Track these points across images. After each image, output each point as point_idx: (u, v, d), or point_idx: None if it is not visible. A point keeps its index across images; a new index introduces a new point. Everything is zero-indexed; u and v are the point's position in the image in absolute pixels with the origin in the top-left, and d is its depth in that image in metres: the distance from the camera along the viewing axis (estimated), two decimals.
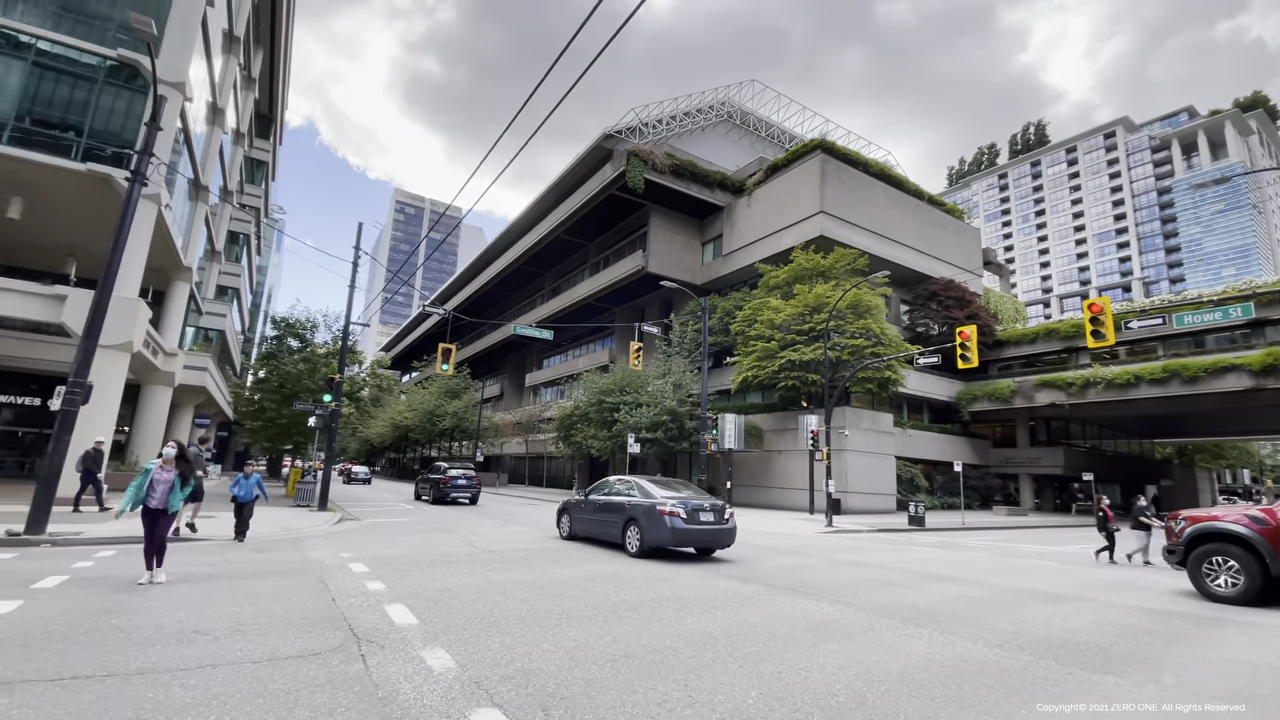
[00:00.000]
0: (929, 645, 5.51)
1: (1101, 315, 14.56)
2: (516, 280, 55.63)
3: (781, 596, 7.56)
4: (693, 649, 5.08)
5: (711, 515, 10.89)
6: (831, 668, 4.74)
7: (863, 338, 27.09)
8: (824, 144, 34.38)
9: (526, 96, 7.76)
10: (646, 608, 6.58)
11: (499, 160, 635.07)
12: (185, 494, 7.47)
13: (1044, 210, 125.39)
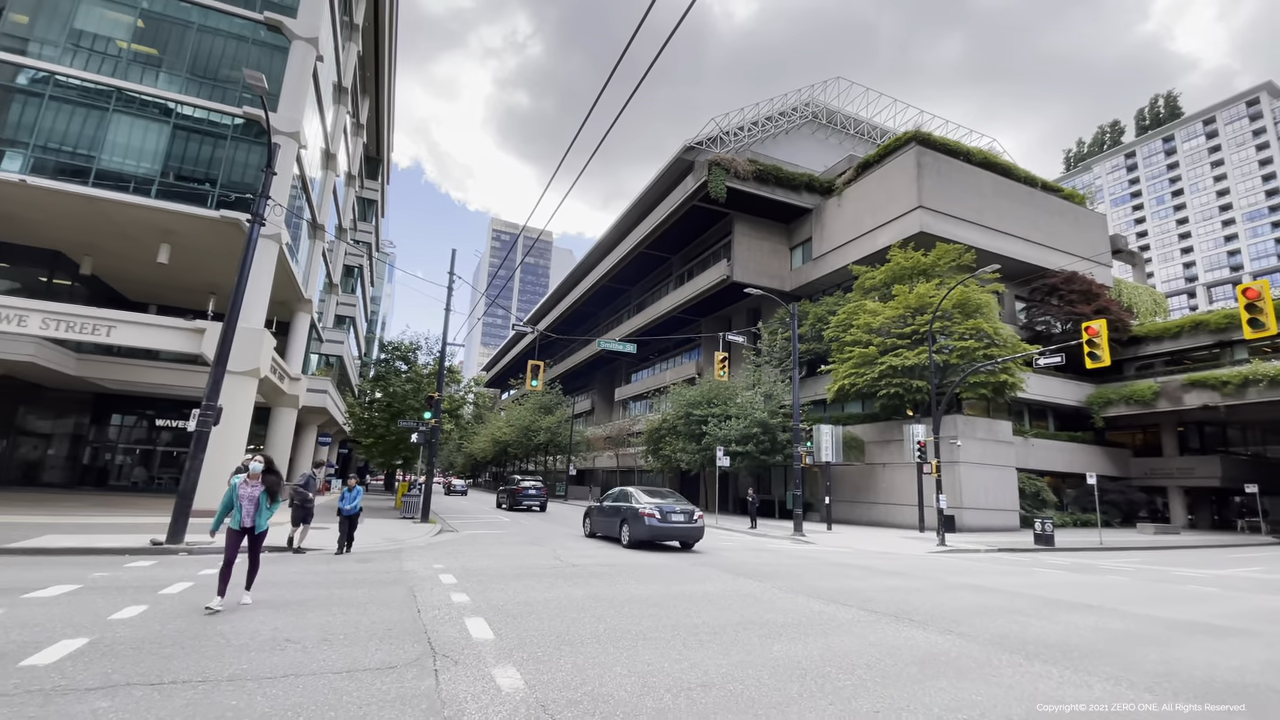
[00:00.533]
0: (1059, 686, 4.69)
1: (1260, 301, 12.36)
2: (603, 297, 56.71)
3: (883, 623, 6.84)
4: (777, 680, 4.62)
5: (681, 517, 13.90)
6: (939, 709, 4.11)
7: (973, 339, 24.92)
8: (919, 135, 32.35)
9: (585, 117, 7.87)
10: (730, 632, 6.14)
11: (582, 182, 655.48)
12: (273, 510, 6.73)
13: (1181, 190, 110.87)
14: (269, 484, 6.67)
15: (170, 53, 18.65)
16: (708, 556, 13.26)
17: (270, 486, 6.66)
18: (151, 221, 18.16)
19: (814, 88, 43.50)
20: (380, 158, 46.93)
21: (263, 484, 6.64)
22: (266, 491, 6.64)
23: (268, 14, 19.20)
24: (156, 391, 26.38)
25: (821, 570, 11.67)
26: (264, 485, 6.63)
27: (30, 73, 17.24)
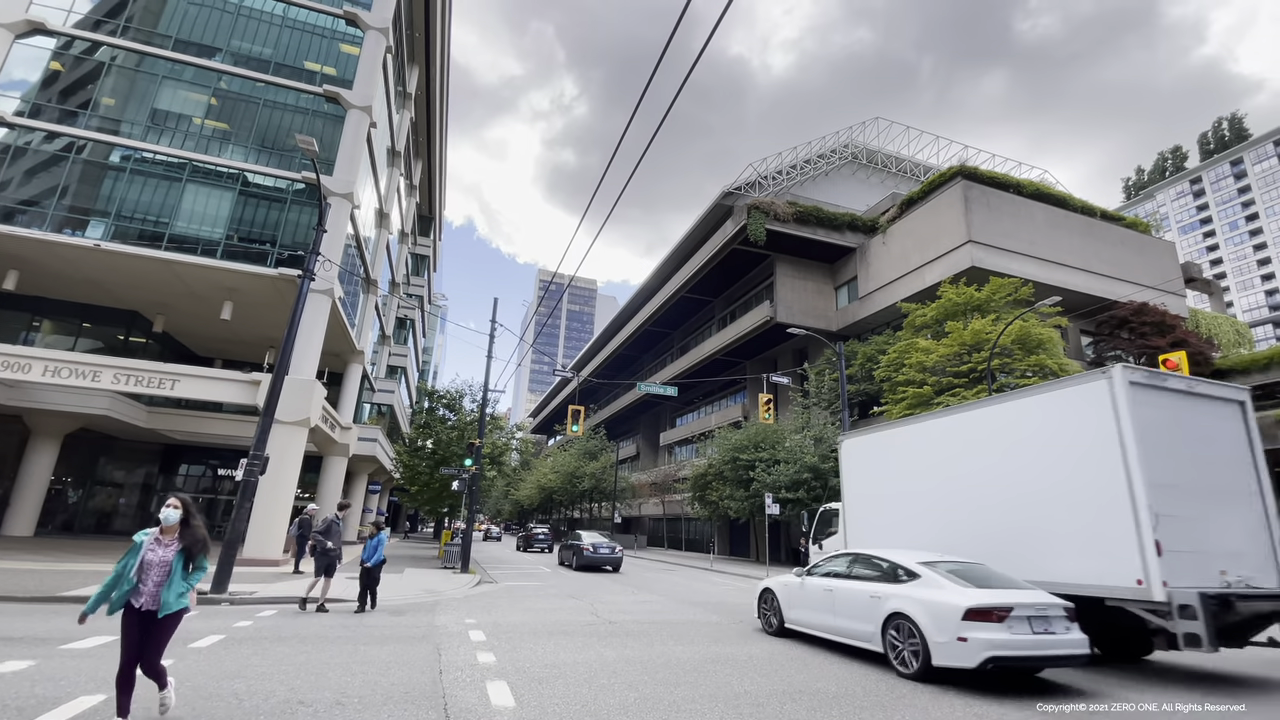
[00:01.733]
0: None
1: None
2: (646, 342, 56.87)
3: (948, 699, 6.04)
4: None
5: (606, 550, 21.91)
6: None
7: (1036, 376, 23.44)
8: (964, 170, 31.68)
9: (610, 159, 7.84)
10: (774, 703, 5.52)
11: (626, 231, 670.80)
12: (193, 582, 4.33)
13: (1256, 214, 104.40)
14: (188, 542, 4.33)
15: (238, 126, 20.22)
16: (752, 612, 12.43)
17: (190, 546, 4.32)
18: (217, 280, 19.30)
19: (852, 129, 43.52)
20: (432, 216, 49.30)
21: (180, 542, 4.32)
22: (184, 552, 4.29)
23: (326, 87, 20.65)
24: (220, 442, 27.55)
25: None
26: (181, 544, 4.31)
27: (120, 150, 18.93)
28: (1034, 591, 6.98)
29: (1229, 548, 7.46)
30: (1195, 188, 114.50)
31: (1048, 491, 8.25)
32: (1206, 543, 7.34)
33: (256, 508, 15.97)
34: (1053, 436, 8.35)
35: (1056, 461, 8.24)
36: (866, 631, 7.55)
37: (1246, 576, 7.34)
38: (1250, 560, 7.51)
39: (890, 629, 7.14)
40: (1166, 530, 7.02)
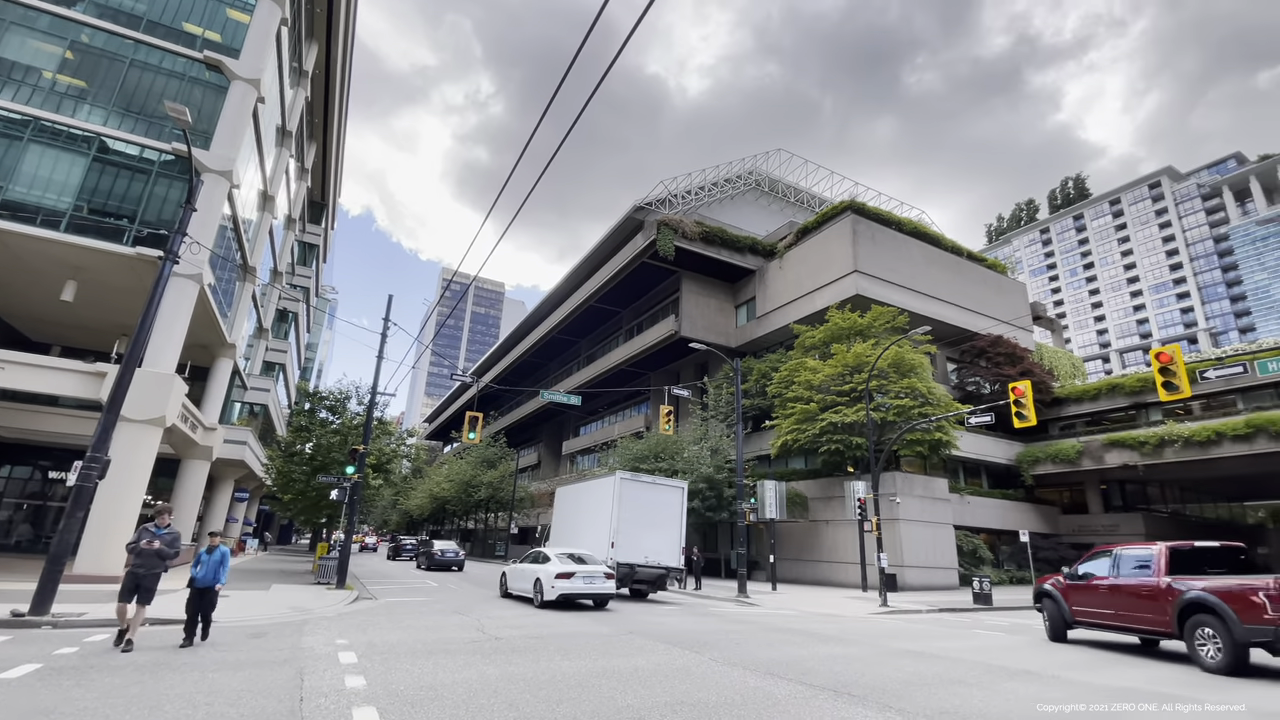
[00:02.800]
0: None
1: (1173, 365, 13.19)
2: (553, 349, 56.27)
3: (820, 700, 6.42)
4: None
5: (452, 554, 25.90)
6: None
7: (908, 397, 25.67)
8: (854, 205, 34.26)
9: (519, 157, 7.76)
10: (656, 716, 5.59)
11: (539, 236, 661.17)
12: None
13: (1092, 263, 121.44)
14: None
15: (99, 85, 17.89)
16: (645, 621, 12.57)
17: None
18: (59, 256, 16.88)
19: (757, 157, 45.82)
20: (325, 203, 46.03)
21: None
22: None
23: (208, 53, 18.79)
24: (56, 441, 23.93)
25: (762, 637, 11.19)
26: None
27: None
28: (594, 566, 15.31)
29: (654, 547, 18.54)
30: (1044, 236, 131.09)
31: (601, 521, 18.61)
32: (643, 545, 18.27)
33: (95, 517, 14.08)
34: (603, 496, 18.95)
35: (601, 507, 18.86)
36: (529, 589, 15.47)
37: (655, 559, 18.41)
38: (665, 553, 18.76)
39: (539, 586, 14.83)
40: (624, 539, 17.81)
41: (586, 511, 19.89)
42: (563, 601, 14.75)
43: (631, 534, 17.88)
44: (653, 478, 20.00)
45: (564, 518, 21.97)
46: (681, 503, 19.68)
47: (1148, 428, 31.04)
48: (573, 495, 21.87)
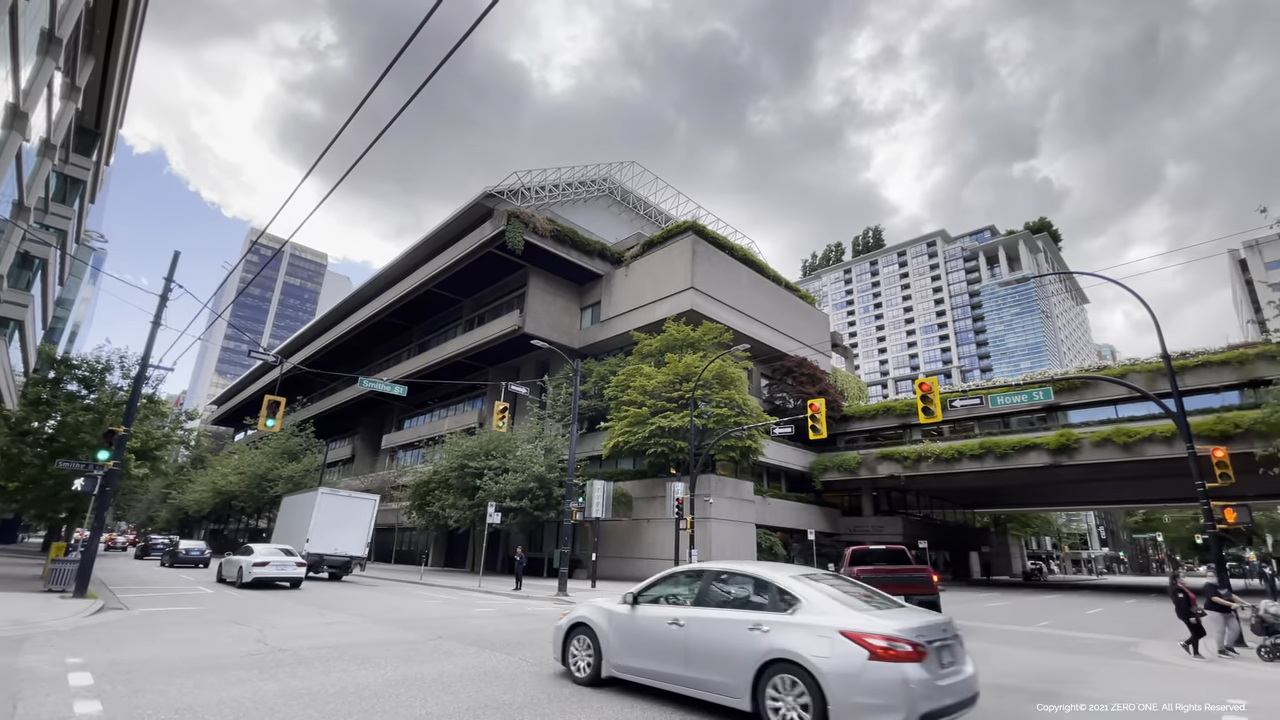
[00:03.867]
0: None
1: (930, 394, 16.04)
2: (381, 333, 51.99)
3: (628, 694, 6.76)
4: None
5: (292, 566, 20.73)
6: None
7: (727, 407, 27.97)
8: (696, 226, 36.58)
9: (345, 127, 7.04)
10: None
11: (374, 209, 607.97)
12: None
13: (881, 303, 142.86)
14: None
15: None
16: (456, 626, 12.17)
17: None
18: None
19: (612, 166, 46.88)
20: (100, 131, 37.87)
21: None
22: None
23: None
24: None
25: None
26: None
27: None
28: (290, 557, 19.92)
29: (344, 541, 24.91)
30: (847, 276, 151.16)
31: (305, 522, 24.37)
32: (334, 540, 24.54)
33: None
34: (309, 504, 25.15)
35: (307, 512, 24.85)
36: (234, 574, 19.87)
37: (344, 550, 24.93)
38: (353, 546, 25.32)
39: (241, 572, 19.38)
40: (319, 536, 24.06)
41: (299, 515, 25.88)
42: (258, 583, 19.11)
43: (326, 532, 24.27)
44: (350, 492, 28.08)
45: (284, 520, 28.85)
46: (372, 510, 26.70)
47: (910, 445, 37.23)
48: (292, 503, 29.06)
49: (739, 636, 5.68)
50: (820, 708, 4.89)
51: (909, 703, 4.66)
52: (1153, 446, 28.16)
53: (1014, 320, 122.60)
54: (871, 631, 5.00)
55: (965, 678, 5.31)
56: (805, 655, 5.10)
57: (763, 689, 5.33)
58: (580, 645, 7.29)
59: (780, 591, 5.83)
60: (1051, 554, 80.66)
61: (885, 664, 4.79)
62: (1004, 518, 61.05)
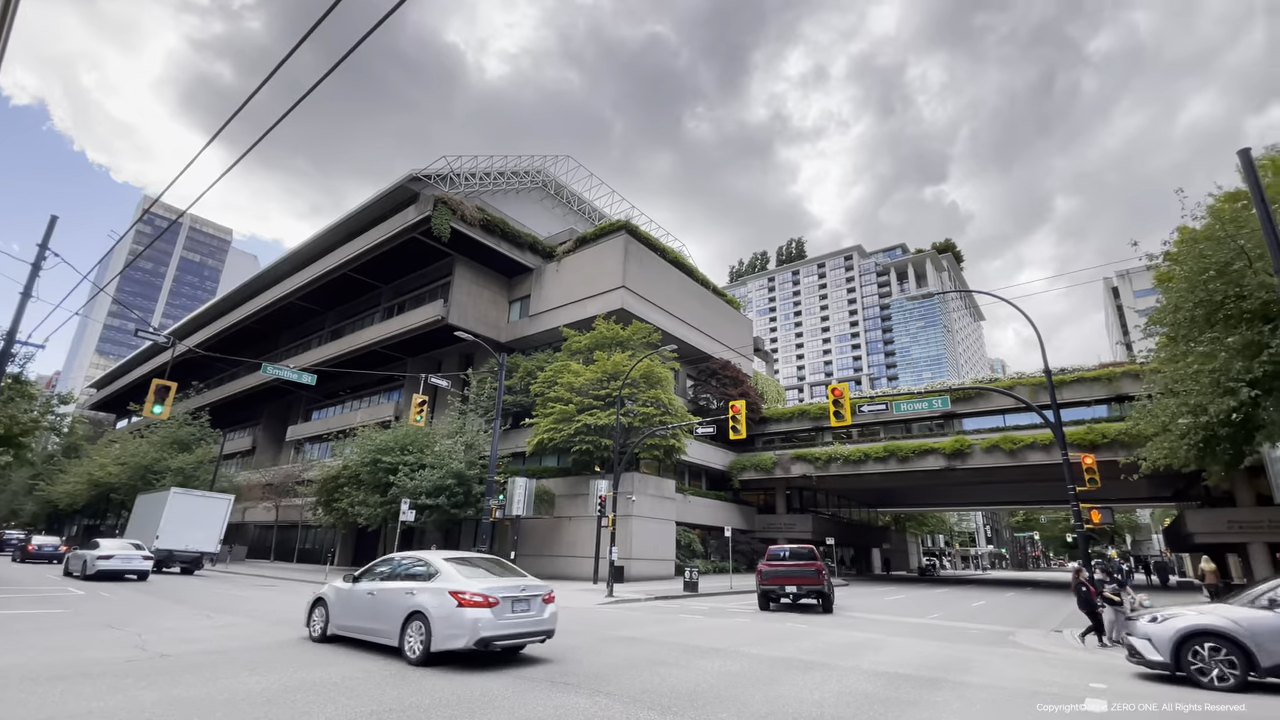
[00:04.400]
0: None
1: (842, 399, 16.93)
2: (290, 317, 48.76)
3: (536, 691, 6.72)
4: None
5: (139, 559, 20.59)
6: None
7: (653, 406, 28.31)
8: (629, 226, 36.73)
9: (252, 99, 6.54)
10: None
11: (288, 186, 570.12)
12: None
13: (801, 312, 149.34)
14: None
15: None
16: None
17: None
18: None
19: (547, 159, 46.30)
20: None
21: None
22: None
23: None
24: None
25: None
26: None
27: None
28: (137, 551, 20.56)
29: (195, 539, 26.36)
30: (770, 284, 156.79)
31: (157, 520, 25.92)
32: (185, 537, 26.03)
33: None
34: (161, 503, 26.69)
35: (159, 511, 26.44)
36: (79, 568, 20.44)
37: (195, 547, 26.35)
38: (204, 542, 26.73)
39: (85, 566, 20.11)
40: (169, 532, 25.57)
41: (151, 513, 27.21)
42: (100, 575, 19.77)
43: (178, 530, 25.68)
44: (204, 492, 29.07)
45: (138, 518, 29.62)
46: (226, 509, 28.02)
47: (822, 446, 39.10)
48: (146, 501, 29.89)
49: (400, 599, 8.40)
50: (428, 637, 7.78)
51: (473, 632, 7.63)
52: (1034, 453, 31.05)
53: (919, 333, 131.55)
54: (463, 590, 7.91)
55: (534, 619, 8.36)
56: (427, 606, 7.97)
57: (404, 630, 8.14)
58: (318, 614, 9.72)
59: (429, 567, 8.68)
60: (944, 551, 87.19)
61: (465, 609, 7.75)
62: (903, 517, 65.32)
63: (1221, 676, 7.77)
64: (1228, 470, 17.37)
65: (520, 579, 8.67)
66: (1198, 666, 7.96)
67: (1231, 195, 14.77)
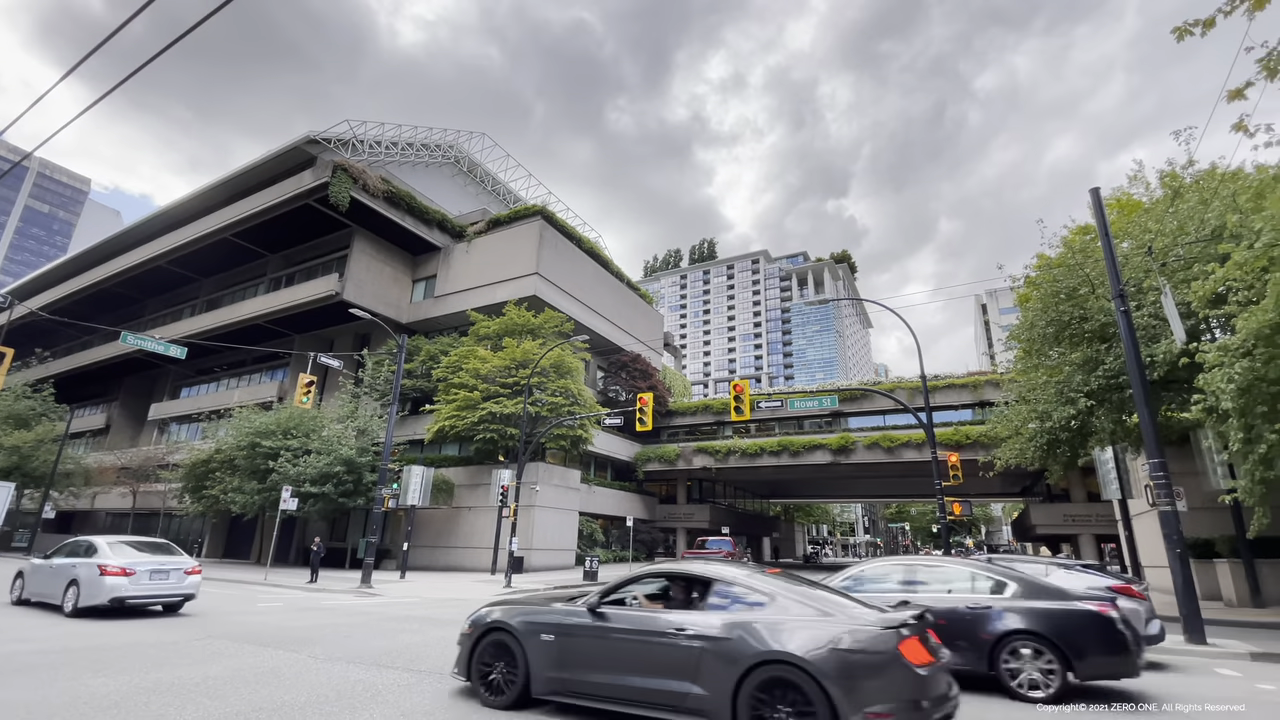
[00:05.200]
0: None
1: (742, 395, 17.69)
2: (159, 282, 43.63)
3: (426, 684, 6.54)
4: None
5: None
6: None
7: (562, 396, 28.14)
8: (545, 212, 36.12)
9: None
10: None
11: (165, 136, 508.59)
12: None
13: (710, 310, 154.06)
14: None
15: None
16: (230, 623, 10.77)
17: None
18: None
19: (461, 134, 44.41)
20: None
21: None
22: None
23: None
24: None
25: (377, 627, 10.77)
26: None
27: None
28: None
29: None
30: (682, 281, 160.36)
31: None
32: None
33: None
34: None
35: None
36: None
37: None
38: None
39: None
40: None
41: None
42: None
43: None
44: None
45: None
46: (6, 496, 25.30)
47: (722, 440, 40.65)
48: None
49: (66, 570, 11.29)
50: (78, 598, 10.83)
51: (110, 593, 10.58)
52: (908, 451, 33.99)
53: (815, 336, 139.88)
54: (108, 564, 10.75)
55: (173, 586, 11.39)
56: (80, 576, 10.87)
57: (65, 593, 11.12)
58: (18, 584, 12.61)
59: (91, 547, 11.38)
60: (827, 540, 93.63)
61: (105, 577, 10.62)
62: (792, 508, 69.38)
63: None
64: (1066, 470, 19.98)
65: (167, 556, 11.58)
66: None
67: (1082, 229, 16.89)
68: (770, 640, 4.44)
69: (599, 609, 5.36)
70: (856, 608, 4.70)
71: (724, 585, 5.10)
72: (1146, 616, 8.36)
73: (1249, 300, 11.04)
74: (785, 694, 4.31)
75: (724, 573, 5.26)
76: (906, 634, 4.33)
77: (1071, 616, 6.47)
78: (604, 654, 5.15)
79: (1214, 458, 14.19)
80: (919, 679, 4.19)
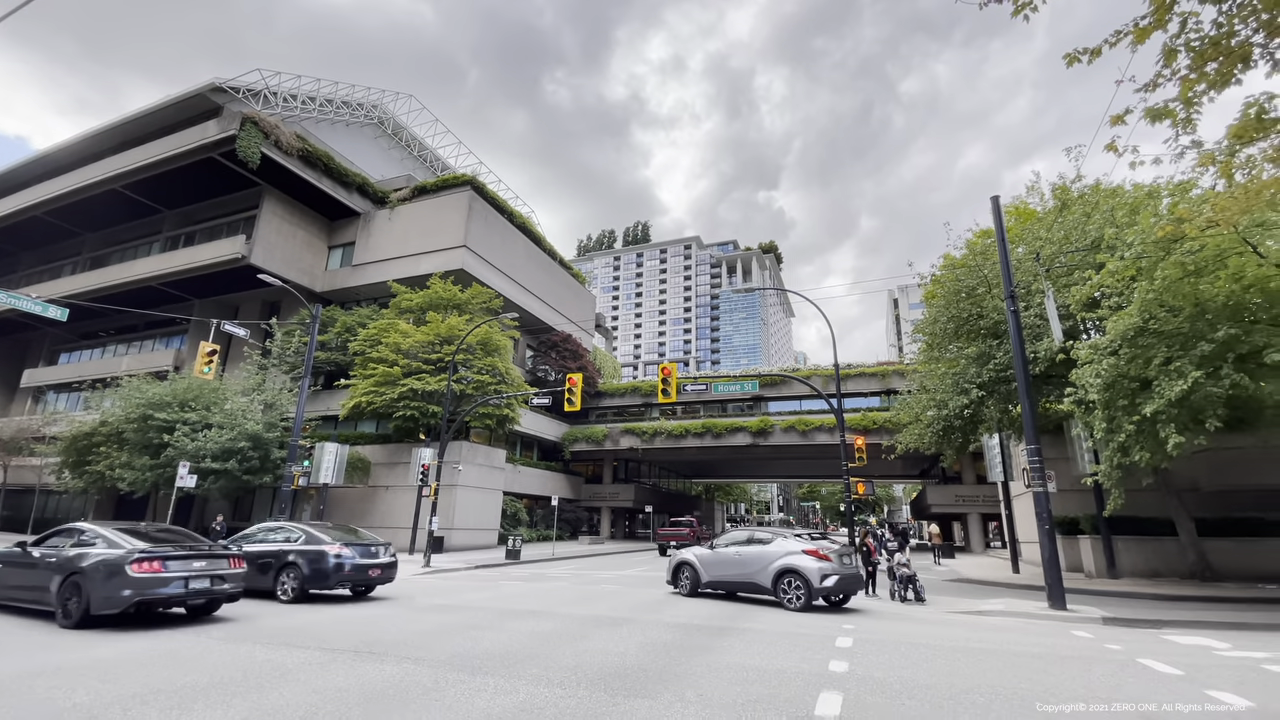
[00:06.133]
0: (491, 698, 5.31)
1: (670, 378, 18.08)
2: (35, 234, 38.85)
3: (339, 662, 6.45)
4: None
5: None
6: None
7: (488, 374, 27.64)
8: (475, 182, 34.94)
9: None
10: (114, 714, 4.67)
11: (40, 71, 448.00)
12: None
13: (642, 292, 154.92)
14: None
15: None
16: None
17: None
18: None
19: (386, 94, 42.03)
20: None
21: None
22: None
23: None
24: None
25: (286, 607, 10.39)
26: None
27: None
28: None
29: None
30: (616, 262, 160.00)
31: None
32: None
33: None
34: None
35: None
36: None
37: None
38: None
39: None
40: None
41: None
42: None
43: None
44: None
45: None
46: None
47: (649, 421, 41.38)
48: None
49: None
50: None
51: None
52: (821, 434, 35.92)
53: (741, 323, 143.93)
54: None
55: None
56: None
57: None
58: None
59: None
60: (744, 518, 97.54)
61: None
62: (713, 487, 71.77)
63: None
64: (958, 454, 21.86)
65: None
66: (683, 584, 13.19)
67: (984, 232, 18.32)
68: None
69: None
70: None
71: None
72: (825, 573, 11.23)
73: (1119, 305, 12.47)
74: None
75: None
76: None
77: (308, 554, 11.23)
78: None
79: (1081, 445, 15.93)
80: None
